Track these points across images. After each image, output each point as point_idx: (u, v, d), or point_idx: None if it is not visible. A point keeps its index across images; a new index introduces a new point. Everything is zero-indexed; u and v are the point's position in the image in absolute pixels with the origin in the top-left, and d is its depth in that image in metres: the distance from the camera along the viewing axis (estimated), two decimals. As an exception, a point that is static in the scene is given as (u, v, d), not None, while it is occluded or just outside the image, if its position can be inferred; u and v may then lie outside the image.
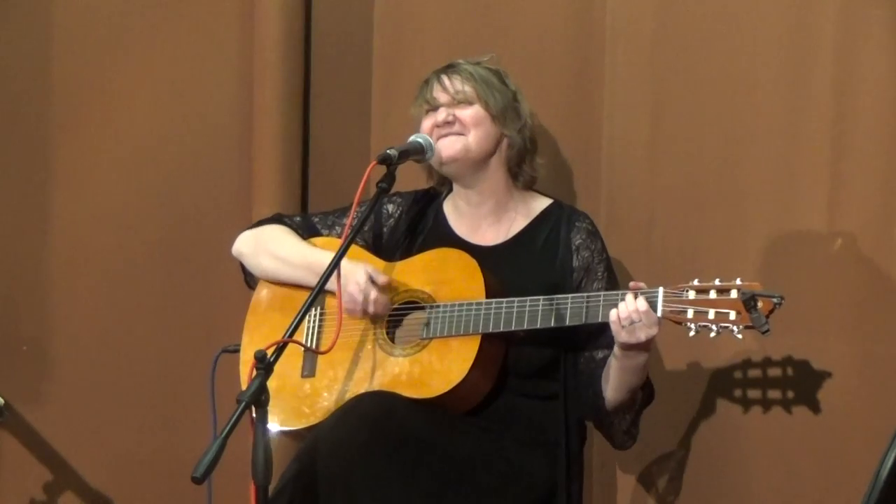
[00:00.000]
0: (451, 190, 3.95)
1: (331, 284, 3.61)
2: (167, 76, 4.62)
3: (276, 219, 4.00)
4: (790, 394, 3.97)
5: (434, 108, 3.85)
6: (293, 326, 3.39)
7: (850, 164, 3.96)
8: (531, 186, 3.92)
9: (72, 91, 4.66)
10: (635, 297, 3.52)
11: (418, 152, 3.78)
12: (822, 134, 3.98)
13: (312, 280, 3.68)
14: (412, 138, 3.81)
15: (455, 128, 3.82)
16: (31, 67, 4.68)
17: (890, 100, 3.92)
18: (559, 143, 4.24)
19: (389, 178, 3.65)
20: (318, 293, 3.50)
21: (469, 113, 3.83)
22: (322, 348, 3.75)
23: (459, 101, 3.83)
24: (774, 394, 3.99)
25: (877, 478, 3.04)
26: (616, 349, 3.61)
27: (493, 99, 3.84)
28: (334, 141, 4.56)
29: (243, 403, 3.19)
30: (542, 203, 3.91)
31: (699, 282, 3.51)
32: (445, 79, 3.86)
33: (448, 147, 3.81)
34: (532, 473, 3.68)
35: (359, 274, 3.71)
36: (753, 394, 4.01)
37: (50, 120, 4.68)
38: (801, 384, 3.96)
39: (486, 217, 3.89)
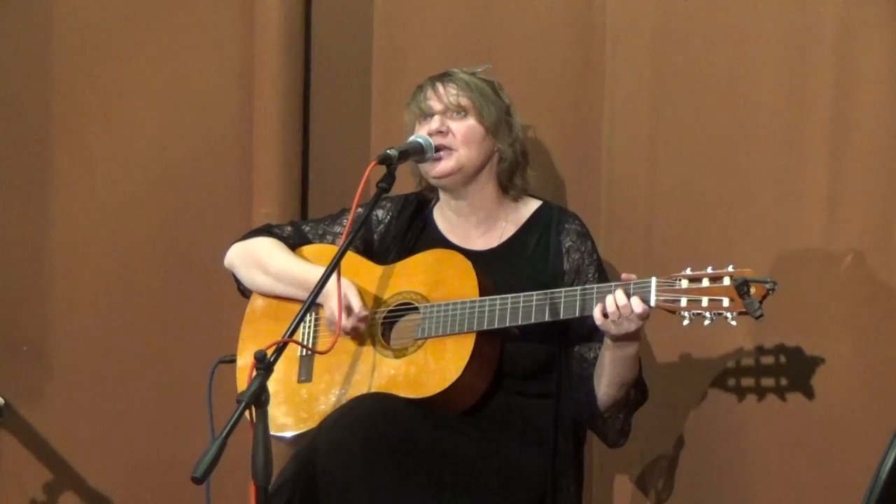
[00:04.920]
0: (439, 197, 3.94)
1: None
2: (167, 76, 4.62)
3: (266, 230, 3.98)
4: (789, 394, 3.97)
5: (427, 115, 3.84)
6: (292, 327, 3.39)
7: (850, 165, 3.96)
8: (522, 196, 3.91)
9: (72, 91, 4.66)
10: (627, 294, 3.52)
11: (418, 152, 3.77)
12: (822, 134, 3.98)
13: (304, 296, 3.71)
14: (412, 138, 3.80)
15: (447, 139, 3.81)
16: (31, 67, 4.68)
17: (890, 100, 3.92)
18: (559, 143, 4.24)
19: (389, 178, 3.65)
20: (317, 296, 3.50)
21: (462, 126, 3.81)
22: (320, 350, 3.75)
23: (453, 112, 3.83)
24: (773, 393, 3.99)
25: (877, 478, 3.04)
26: (607, 340, 3.61)
27: (488, 110, 3.83)
28: (334, 141, 4.56)
29: (243, 403, 3.19)
30: (531, 207, 3.90)
31: (691, 270, 3.52)
32: (440, 86, 3.85)
33: (441, 164, 3.80)
34: (529, 472, 3.68)
35: (332, 300, 3.71)
36: (752, 393, 4.01)
37: (50, 120, 4.68)
38: (801, 384, 3.96)
39: (476, 227, 3.88)
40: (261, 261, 3.90)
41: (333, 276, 3.59)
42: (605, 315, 3.52)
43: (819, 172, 3.98)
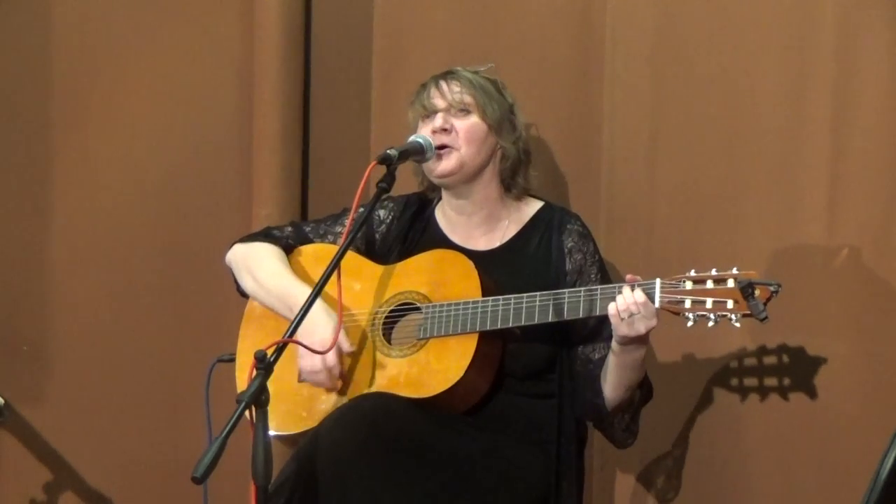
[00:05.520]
0: (440, 197, 3.94)
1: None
2: (167, 76, 4.63)
3: (266, 233, 3.98)
4: (789, 393, 3.97)
5: (431, 113, 3.84)
6: (293, 326, 3.39)
7: (850, 165, 3.96)
8: (524, 196, 3.91)
9: (72, 91, 4.67)
10: (633, 290, 3.53)
11: (418, 152, 3.77)
12: (822, 134, 3.98)
13: (283, 312, 3.75)
14: (412, 138, 3.80)
15: (450, 136, 3.81)
16: (31, 67, 4.68)
17: (890, 100, 3.92)
18: (559, 143, 4.24)
19: (389, 178, 3.65)
20: (317, 295, 3.48)
21: (465, 124, 3.82)
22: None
23: (457, 109, 3.83)
24: (774, 394, 3.99)
25: (877, 478, 3.05)
26: (614, 345, 3.61)
27: (491, 108, 3.83)
28: (334, 141, 4.56)
29: (243, 403, 3.19)
30: (533, 207, 3.90)
31: (696, 272, 3.52)
32: (444, 84, 3.85)
33: (443, 163, 3.80)
34: (530, 473, 3.68)
35: (325, 330, 3.68)
36: (753, 394, 4.01)
37: (50, 120, 4.68)
38: (801, 384, 3.96)
39: (478, 226, 3.88)
40: (251, 267, 3.91)
41: (317, 313, 3.60)
42: (618, 313, 3.52)
43: (819, 172, 3.98)
